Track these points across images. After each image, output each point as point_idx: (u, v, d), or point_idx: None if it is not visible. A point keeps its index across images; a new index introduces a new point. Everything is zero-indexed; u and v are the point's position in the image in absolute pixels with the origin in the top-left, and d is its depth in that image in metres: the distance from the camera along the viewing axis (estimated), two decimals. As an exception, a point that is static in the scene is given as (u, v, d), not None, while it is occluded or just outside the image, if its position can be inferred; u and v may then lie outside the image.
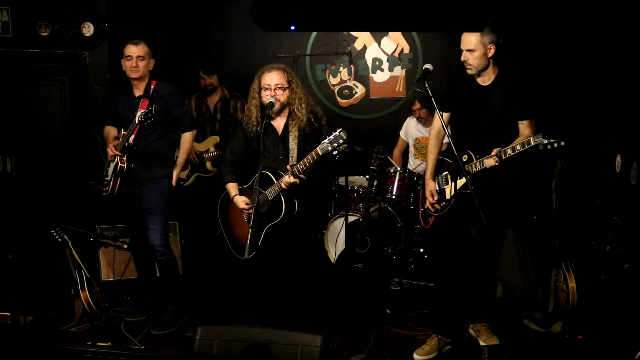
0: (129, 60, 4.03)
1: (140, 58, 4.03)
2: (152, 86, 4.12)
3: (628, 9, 4.03)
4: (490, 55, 3.53)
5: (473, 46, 3.51)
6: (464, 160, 3.62)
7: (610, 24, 4.38)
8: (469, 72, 3.62)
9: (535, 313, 4.21)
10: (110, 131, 4.24)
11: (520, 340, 3.99)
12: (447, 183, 3.76)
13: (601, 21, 4.51)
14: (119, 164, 4.02)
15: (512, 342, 3.89)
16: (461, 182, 3.61)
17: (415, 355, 3.80)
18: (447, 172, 3.78)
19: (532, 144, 3.34)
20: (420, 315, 4.33)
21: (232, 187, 4.03)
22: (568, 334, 3.89)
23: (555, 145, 3.29)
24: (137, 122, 3.90)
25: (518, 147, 3.40)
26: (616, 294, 3.59)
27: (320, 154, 3.59)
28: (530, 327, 4.13)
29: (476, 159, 3.56)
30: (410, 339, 4.03)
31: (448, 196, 3.73)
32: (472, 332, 3.93)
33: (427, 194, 3.81)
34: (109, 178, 4.11)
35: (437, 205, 3.77)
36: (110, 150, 4.06)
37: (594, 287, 3.93)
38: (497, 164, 3.45)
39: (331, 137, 3.57)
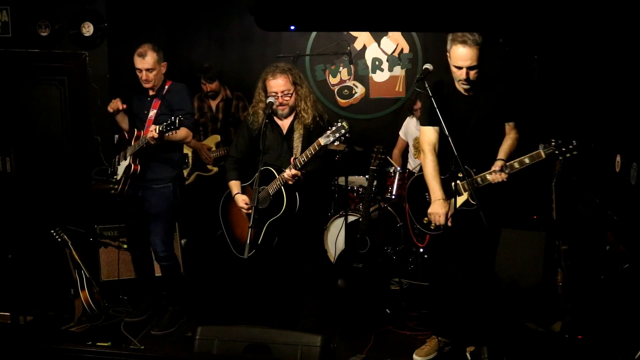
0: (139, 72, 4.01)
1: (149, 70, 3.99)
2: (167, 86, 4.12)
3: (628, 9, 4.03)
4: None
5: (476, 61, 3.18)
6: (460, 176, 3.42)
7: (610, 23, 4.37)
8: (464, 88, 3.35)
9: (535, 313, 4.21)
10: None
11: (520, 340, 3.99)
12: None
13: (601, 21, 4.50)
14: (132, 167, 4.03)
15: (512, 342, 3.89)
16: (462, 199, 3.44)
17: (415, 356, 3.79)
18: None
19: (543, 156, 3.16)
20: (420, 315, 4.33)
21: (234, 185, 4.02)
22: (568, 334, 3.89)
23: (568, 155, 3.10)
24: (157, 132, 3.80)
25: (527, 161, 3.22)
26: (616, 294, 3.58)
27: (322, 144, 3.56)
28: (530, 327, 4.13)
29: (475, 173, 3.40)
30: (410, 339, 4.03)
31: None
32: (468, 355, 3.76)
33: (442, 214, 3.43)
34: (119, 177, 4.12)
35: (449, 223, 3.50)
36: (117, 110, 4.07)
37: (594, 287, 3.92)
38: (505, 179, 3.27)
39: (333, 128, 3.54)
